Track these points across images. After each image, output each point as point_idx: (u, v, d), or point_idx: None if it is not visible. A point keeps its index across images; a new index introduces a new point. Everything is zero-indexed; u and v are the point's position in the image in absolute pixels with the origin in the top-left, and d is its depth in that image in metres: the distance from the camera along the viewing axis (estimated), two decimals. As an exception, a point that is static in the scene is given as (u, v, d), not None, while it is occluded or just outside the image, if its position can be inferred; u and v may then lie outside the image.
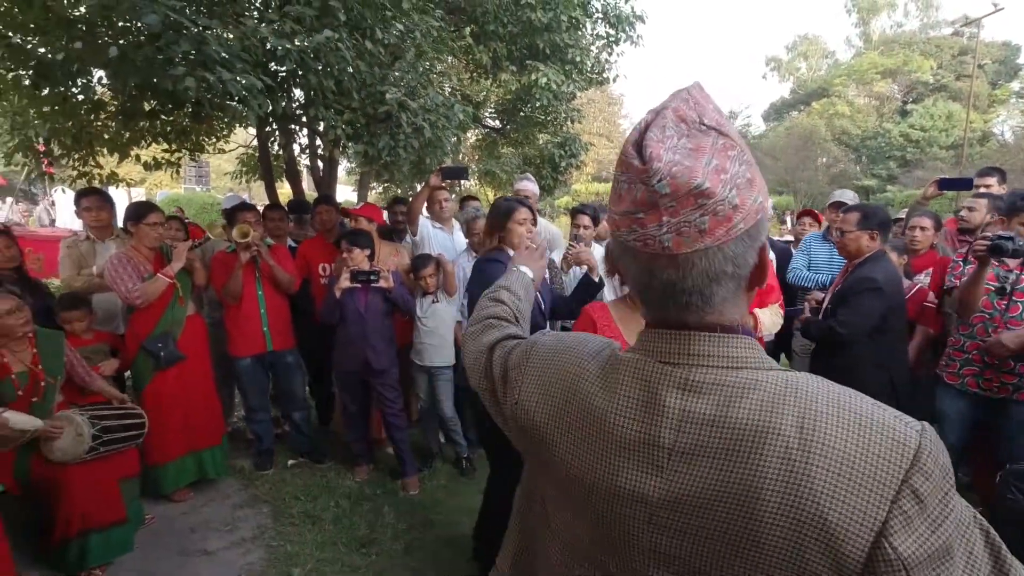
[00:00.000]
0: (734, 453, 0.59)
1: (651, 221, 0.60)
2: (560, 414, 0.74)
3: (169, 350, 3.13)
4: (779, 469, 0.57)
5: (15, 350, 2.56)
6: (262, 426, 3.67)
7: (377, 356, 3.32)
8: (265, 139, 5.16)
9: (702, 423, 0.62)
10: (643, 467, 0.64)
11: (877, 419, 0.57)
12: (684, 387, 0.64)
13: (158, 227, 3.13)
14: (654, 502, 0.64)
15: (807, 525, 0.55)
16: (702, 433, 0.61)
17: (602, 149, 26.61)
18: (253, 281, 3.44)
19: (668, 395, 0.64)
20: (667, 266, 0.62)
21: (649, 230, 0.61)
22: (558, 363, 0.78)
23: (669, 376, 0.65)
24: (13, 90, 3.90)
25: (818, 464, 0.56)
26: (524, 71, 5.81)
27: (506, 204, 2.55)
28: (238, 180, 7.34)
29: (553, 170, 7.28)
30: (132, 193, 11.76)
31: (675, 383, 0.64)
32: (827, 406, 0.59)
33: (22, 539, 2.68)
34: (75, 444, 2.58)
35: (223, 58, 2.80)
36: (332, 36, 3.08)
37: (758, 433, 0.58)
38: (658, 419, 0.64)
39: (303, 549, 2.85)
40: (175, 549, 2.88)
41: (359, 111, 3.60)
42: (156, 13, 2.64)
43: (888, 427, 0.57)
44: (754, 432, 0.59)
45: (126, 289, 2.99)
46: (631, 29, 6.67)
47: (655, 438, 0.64)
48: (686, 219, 0.59)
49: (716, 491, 0.60)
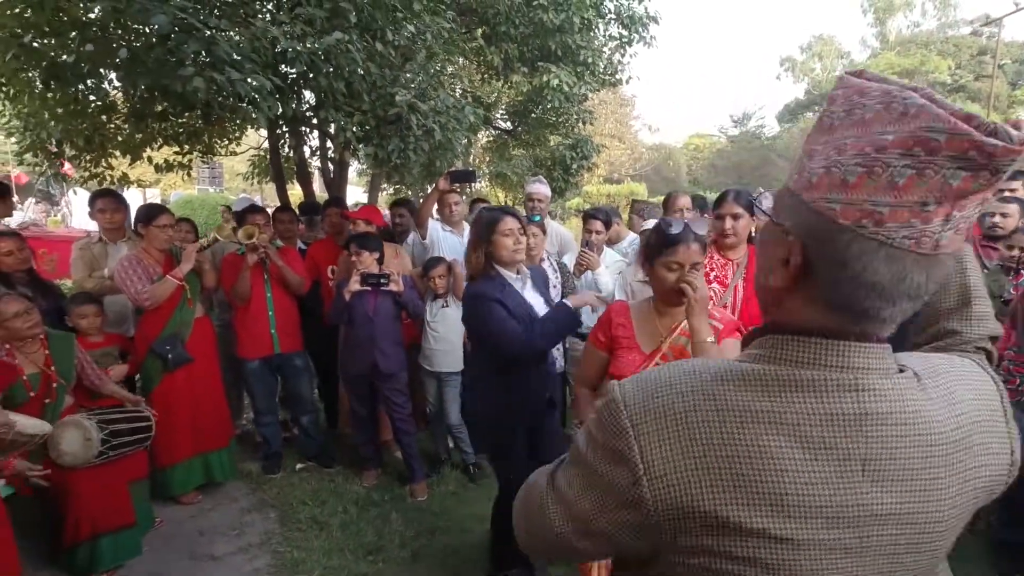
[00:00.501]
0: (952, 444, 0.62)
1: (939, 215, 0.53)
2: (737, 461, 0.59)
3: (177, 352, 3.12)
4: (988, 436, 0.65)
5: (27, 352, 2.56)
6: (270, 429, 3.65)
7: (386, 359, 3.28)
8: (276, 141, 5.17)
9: (898, 424, 0.60)
10: (871, 482, 0.59)
11: (960, 367, 0.69)
12: (872, 393, 0.60)
13: (168, 229, 3.13)
14: (893, 514, 0.60)
15: (999, 472, 0.66)
16: (905, 436, 0.60)
17: (614, 151, 26.46)
18: (262, 283, 3.43)
19: (867, 403, 0.60)
20: (922, 268, 0.55)
21: (932, 225, 0.53)
22: (685, 407, 0.62)
23: (854, 385, 0.60)
24: (26, 91, 3.93)
25: (985, 419, 0.65)
26: (536, 73, 5.77)
27: (489, 214, 2.33)
28: (249, 182, 7.37)
29: (564, 172, 7.23)
30: (146, 194, 11.87)
31: (865, 390, 0.60)
32: (948, 373, 0.67)
33: (33, 542, 2.69)
34: (84, 449, 2.57)
35: (233, 59, 2.78)
36: (342, 38, 3.06)
37: (966, 416, 0.63)
38: (862, 430, 0.59)
39: (310, 556, 2.82)
40: (184, 553, 2.87)
41: (369, 113, 3.59)
42: (165, 14, 2.63)
43: (972, 369, 0.71)
44: (964, 417, 0.63)
45: (135, 291, 2.99)
46: (644, 30, 6.60)
47: (868, 452, 0.59)
48: (968, 216, 0.53)
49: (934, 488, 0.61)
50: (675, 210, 3.69)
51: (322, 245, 3.98)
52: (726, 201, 2.46)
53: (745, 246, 2.52)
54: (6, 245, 2.89)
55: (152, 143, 4.61)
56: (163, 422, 2.99)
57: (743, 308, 2.40)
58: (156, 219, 3.09)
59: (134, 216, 3.28)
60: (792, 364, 0.61)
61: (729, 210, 2.44)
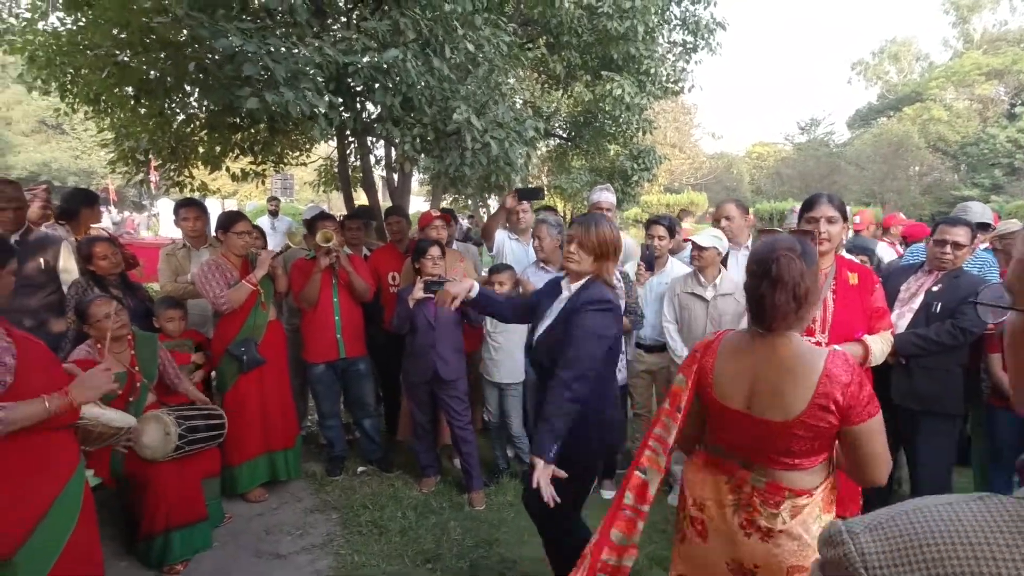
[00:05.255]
0: None
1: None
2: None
3: (251, 354, 3.24)
4: None
5: (116, 351, 2.71)
6: (334, 432, 3.73)
7: (446, 366, 3.29)
8: (344, 150, 5.33)
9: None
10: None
11: None
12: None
13: (245, 235, 3.26)
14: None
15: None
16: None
17: (674, 160, 25.94)
18: (329, 288, 3.51)
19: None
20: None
21: None
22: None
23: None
24: (119, 105, 4.22)
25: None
26: (598, 82, 5.71)
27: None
28: (317, 191, 7.64)
29: (624, 183, 7.11)
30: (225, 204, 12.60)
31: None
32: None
33: (112, 532, 2.84)
34: (164, 443, 2.70)
35: (288, 78, 2.86)
36: (397, 55, 3.11)
37: None
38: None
39: (370, 560, 2.85)
40: (250, 550, 2.95)
41: (429, 126, 3.63)
42: (227, 37, 2.76)
43: None
44: None
45: (214, 295, 3.12)
46: (711, 36, 6.43)
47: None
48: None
49: None
50: (718, 220, 3.54)
51: (383, 252, 4.05)
52: (819, 204, 2.26)
53: (833, 254, 2.34)
54: (102, 250, 3.08)
55: (229, 153, 4.85)
56: (234, 421, 3.10)
57: (833, 324, 2.24)
58: (234, 226, 3.23)
59: (214, 223, 3.44)
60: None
61: (824, 213, 2.24)
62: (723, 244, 3.17)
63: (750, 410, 1.46)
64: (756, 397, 1.45)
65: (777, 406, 1.41)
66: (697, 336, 3.20)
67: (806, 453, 1.42)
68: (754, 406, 1.45)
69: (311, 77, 2.98)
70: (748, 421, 1.46)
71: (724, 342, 1.58)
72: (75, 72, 3.96)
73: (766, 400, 1.43)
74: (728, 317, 3.06)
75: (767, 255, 1.41)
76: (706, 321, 3.17)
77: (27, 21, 3.85)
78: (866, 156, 27.74)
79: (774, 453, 1.44)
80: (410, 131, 3.58)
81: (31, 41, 3.85)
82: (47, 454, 1.89)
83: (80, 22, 3.77)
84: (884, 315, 2.36)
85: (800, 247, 1.41)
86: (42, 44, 3.86)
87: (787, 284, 1.36)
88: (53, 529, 1.88)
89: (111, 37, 3.55)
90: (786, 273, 1.36)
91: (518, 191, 3.63)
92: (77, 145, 27.14)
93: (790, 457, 1.43)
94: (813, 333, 2.25)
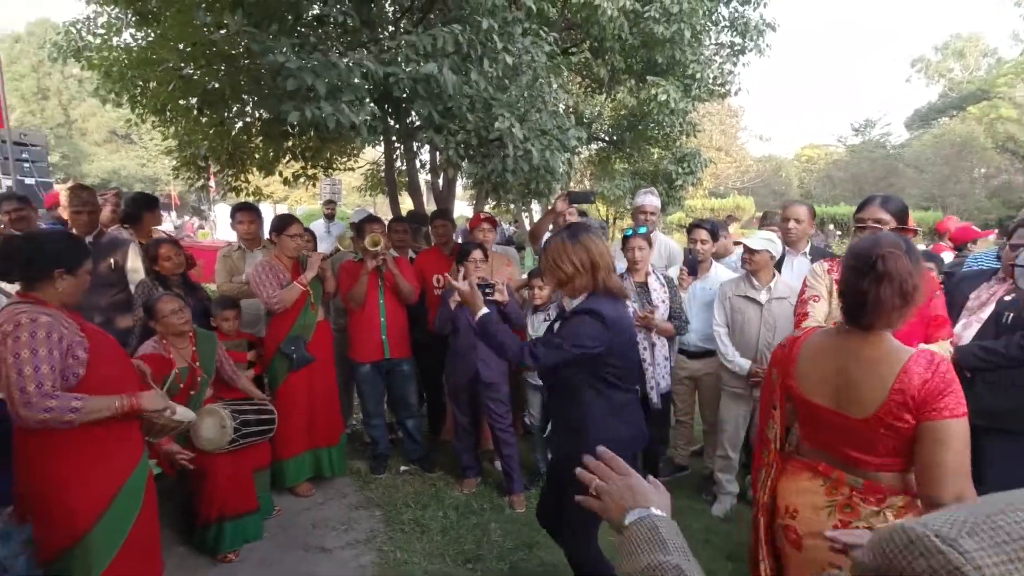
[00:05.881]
0: None
1: None
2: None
3: (301, 352, 3.36)
4: None
5: (178, 347, 2.86)
6: (378, 431, 3.82)
7: (487, 369, 3.33)
8: (391, 155, 5.46)
9: None
10: None
11: None
12: None
13: (297, 238, 3.39)
14: None
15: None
16: None
17: (719, 163, 25.38)
18: (376, 290, 3.60)
19: None
20: None
21: None
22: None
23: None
24: (182, 115, 4.46)
25: None
26: (643, 86, 5.66)
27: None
28: (363, 195, 7.84)
29: (669, 186, 7.02)
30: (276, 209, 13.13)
31: None
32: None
33: (172, 519, 2.98)
34: (220, 435, 2.82)
35: (328, 92, 2.97)
36: (434, 70, 3.19)
37: None
38: None
39: (412, 558, 2.90)
40: (298, 543, 3.05)
41: (472, 132, 3.68)
42: (274, 54, 2.91)
43: None
44: None
45: (267, 295, 3.26)
46: (759, 38, 6.28)
47: None
48: None
49: None
50: (785, 220, 3.43)
51: (428, 254, 4.12)
52: (869, 205, 2.18)
53: None
54: (167, 251, 3.26)
55: (282, 159, 5.05)
56: (283, 417, 3.22)
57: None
58: (287, 228, 3.36)
59: (268, 226, 3.59)
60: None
61: (872, 215, 2.15)
62: (775, 247, 3.09)
63: (838, 406, 1.45)
64: (841, 393, 1.45)
65: (857, 401, 1.40)
66: (750, 340, 3.12)
67: (895, 453, 1.39)
68: (840, 402, 1.45)
69: (353, 88, 3.08)
70: (836, 418, 1.45)
71: (811, 337, 1.58)
72: (144, 85, 4.22)
73: (849, 395, 1.43)
74: (783, 321, 2.98)
75: (869, 251, 1.37)
76: (759, 325, 3.10)
77: (103, 39, 4.13)
78: (926, 158, 26.44)
79: (865, 452, 1.42)
80: (453, 137, 3.65)
81: (106, 57, 4.13)
82: (115, 443, 2.01)
83: (149, 37, 4.02)
84: (944, 324, 2.25)
85: (904, 244, 1.38)
86: (116, 59, 4.14)
87: (894, 280, 1.33)
88: (120, 513, 2.01)
89: (176, 52, 3.76)
90: (894, 269, 1.33)
91: (569, 194, 3.63)
92: (143, 153, 28.87)
93: (880, 456, 1.41)
94: None
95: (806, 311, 2.27)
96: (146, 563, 2.13)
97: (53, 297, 1.91)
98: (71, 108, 30.97)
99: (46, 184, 7.35)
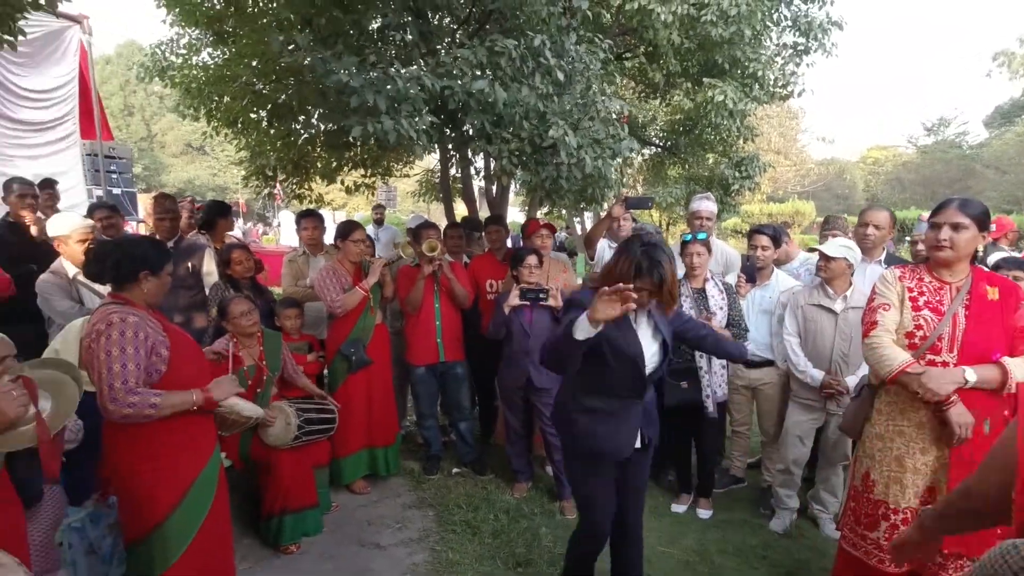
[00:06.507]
0: None
1: None
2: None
3: (360, 355, 3.48)
4: None
5: (247, 346, 3.03)
6: (431, 432, 3.90)
7: (539, 374, 3.34)
8: (446, 162, 5.59)
9: None
10: None
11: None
12: None
13: (361, 244, 3.54)
14: None
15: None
16: None
17: (778, 167, 24.53)
18: (431, 294, 3.69)
19: None
20: None
21: None
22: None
23: None
24: (253, 128, 4.73)
25: None
26: (699, 89, 5.55)
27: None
28: (417, 201, 8.03)
29: (724, 192, 6.84)
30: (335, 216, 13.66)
31: None
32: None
33: (239, 511, 3.13)
34: (285, 432, 2.96)
35: (388, 107, 3.10)
36: (484, 86, 3.26)
37: None
38: None
39: (463, 559, 2.94)
40: (354, 539, 3.15)
41: (526, 140, 3.73)
42: (337, 73, 3.06)
43: None
44: None
45: (330, 299, 3.40)
46: (824, 36, 6.03)
47: None
48: None
49: None
50: (864, 225, 3.28)
51: (482, 260, 4.19)
52: (946, 208, 2.05)
53: (967, 267, 2.10)
54: (238, 256, 3.47)
55: (343, 167, 5.26)
56: (341, 416, 3.34)
57: (964, 344, 2.03)
58: (352, 234, 3.51)
59: (334, 232, 3.74)
60: None
61: (949, 218, 2.02)
62: (853, 254, 2.96)
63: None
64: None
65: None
66: (823, 350, 3.02)
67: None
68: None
69: (411, 102, 3.19)
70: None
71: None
72: (219, 100, 4.51)
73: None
74: (860, 332, 2.87)
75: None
76: (834, 335, 2.99)
77: (184, 58, 4.45)
78: (1008, 158, 24.62)
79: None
80: (506, 146, 3.71)
81: (186, 75, 4.44)
82: (192, 436, 2.14)
83: (224, 56, 4.29)
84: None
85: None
86: (194, 77, 4.44)
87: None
88: (196, 502, 2.13)
89: (249, 68, 4.00)
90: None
91: (626, 200, 3.61)
92: (215, 164, 30.85)
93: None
94: (939, 352, 2.05)
95: (875, 319, 2.17)
96: (219, 550, 2.25)
97: (139, 298, 2.05)
98: (152, 123, 33.36)
99: (130, 194, 7.94)
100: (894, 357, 2.07)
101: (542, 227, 3.79)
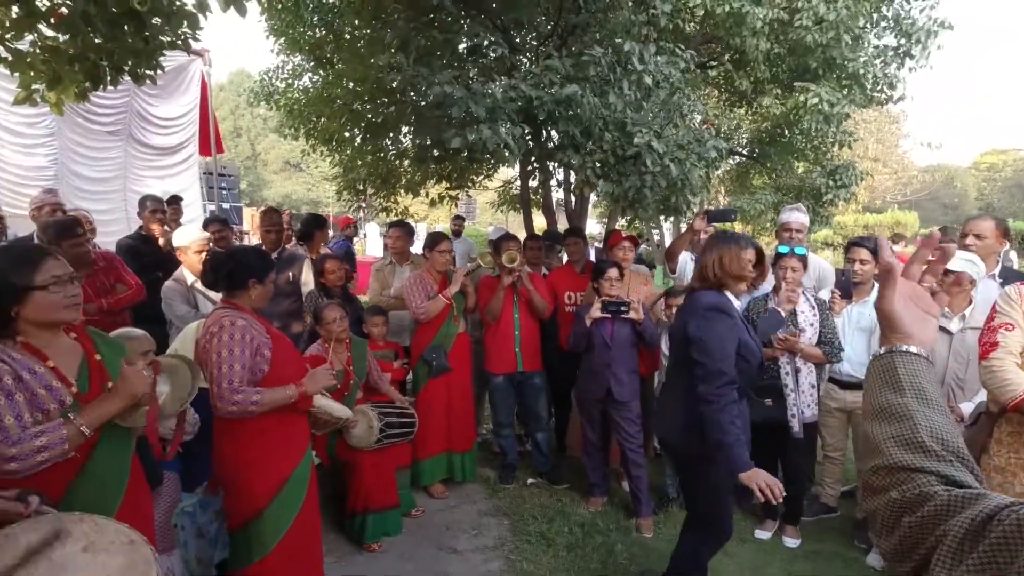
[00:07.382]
0: None
1: None
2: None
3: (440, 361, 3.60)
4: None
5: (337, 352, 3.21)
6: (508, 441, 3.95)
7: (620, 387, 3.31)
8: (527, 176, 5.68)
9: None
10: None
11: None
12: None
13: (446, 254, 3.68)
14: None
15: None
16: None
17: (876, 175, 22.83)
18: (511, 305, 3.76)
19: None
20: None
21: None
22: None
23: None
24: (347, 145, 5.05)
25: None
26: (790, 94, 5.30)
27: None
28: (497, 212, 8.20)
29: (816, 202, 6.44)
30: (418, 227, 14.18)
31: None
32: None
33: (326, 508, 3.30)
34: (368, 434, 3.11)
35: (485, 116, 3.20)
36: (575, 92, 3.29)
37: None
38: None
39: (538, 570, 2.94)
40: (432, 542, 3.23)
41: (609, 151, 3.73)
42: (438, 85, 3.20)
43: None
44: None
45: (415, 306, 3.55)
46: (929, 39, 5.54)
47: None
48: None
49: None
50: (964, 236, 3.00)
51: (561, 272, 4.21)
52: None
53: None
54: (331, 266, 3.71)
55: (428, 181, 5.49)
56: (422, 420, 3.46)
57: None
58: (438, 245, 3.67)
59: (423, 242, 3.90)
60: None
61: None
62: (977, 269, 2.72)
63: None
64: None
65: None
66: (935, 373, 2.79)
67: None
68: None
69: (505, 111, 3.29)
70: None
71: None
72: (317, 120, 4.86)
73: None
74: (977, 354, 2.64)
75: None
76: (948, 357, 2.77)
77: (287, 83, 4.84)
78: None
79: None
80: (591, 157, 3.73)
81: (289, 98, 4.83)
82: (288, 436, 2.29)
83: (324, 78, 4.63)
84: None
85: None
86: (296, 100, 4.82)
87: None
88: (291, 496, 2.27)
89: (347, 90, 4.29)
90: None
91: (707, 212, 3.53)
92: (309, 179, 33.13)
93: None
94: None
95: (995, 340, 1.99)
96: (310, 543, 2.40)
97: (247, 303, 2.25)
98: (256, 143, 36.45)
99: (237, 208, 8.69)
100: (1018, 382, 1.89)
101: (624, 239, 3.76)
